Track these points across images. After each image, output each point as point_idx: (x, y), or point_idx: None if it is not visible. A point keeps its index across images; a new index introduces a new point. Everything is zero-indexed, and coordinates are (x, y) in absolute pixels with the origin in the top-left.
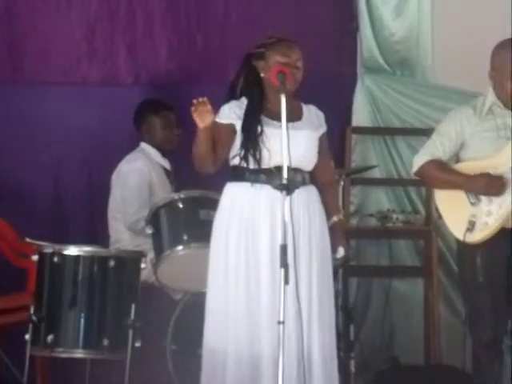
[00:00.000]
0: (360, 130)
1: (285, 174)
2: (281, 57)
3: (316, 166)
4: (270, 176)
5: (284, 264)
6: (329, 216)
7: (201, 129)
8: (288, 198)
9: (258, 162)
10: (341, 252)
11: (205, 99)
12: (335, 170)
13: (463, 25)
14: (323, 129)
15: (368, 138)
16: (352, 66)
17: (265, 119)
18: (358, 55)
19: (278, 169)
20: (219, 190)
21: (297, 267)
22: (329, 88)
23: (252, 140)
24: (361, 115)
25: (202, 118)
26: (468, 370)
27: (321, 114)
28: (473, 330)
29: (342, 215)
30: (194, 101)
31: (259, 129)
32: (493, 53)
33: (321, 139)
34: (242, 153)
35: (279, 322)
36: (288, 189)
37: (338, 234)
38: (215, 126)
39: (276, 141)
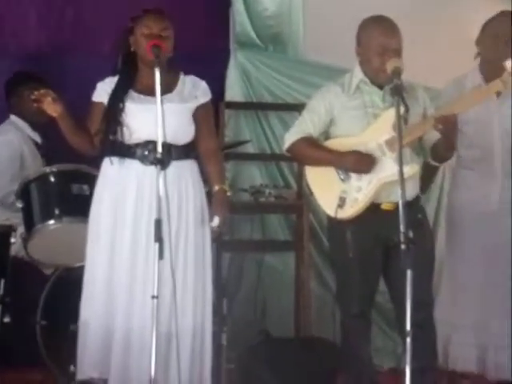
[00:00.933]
0: (233, 105)
1: (159, 149)
2: (145, 28)
3: (195, 137)
4: (136, 151)
5: (158, 238)
6: (211, 185)
7: (57, 118)
8: (162, 172)
9: (120, 138)
10: (215, 221)
11: (42, 91)
12: None
13: (334, 0)
14: (202, 99)
15: (241, 113)
16: (225, 41)
17: (133, 94)
18: (231, 30)
19: (145, 144)
20: (96, 163)
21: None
22: (202, 63)
23: (111, 117)
24: (234, 90)
25: (52, 108)
26: (337, 342)
27: (201, 85)
28: (342, 302)
29: (225, 184)
30: (32, 96)
31: (120, 105)
32: (359, 28)
33: (199, 109)
34: (104, 129)
35: (153, 297)
36: (162, 163)
37: (217, 203)
38: (91, 105)
39: (137, 116)
